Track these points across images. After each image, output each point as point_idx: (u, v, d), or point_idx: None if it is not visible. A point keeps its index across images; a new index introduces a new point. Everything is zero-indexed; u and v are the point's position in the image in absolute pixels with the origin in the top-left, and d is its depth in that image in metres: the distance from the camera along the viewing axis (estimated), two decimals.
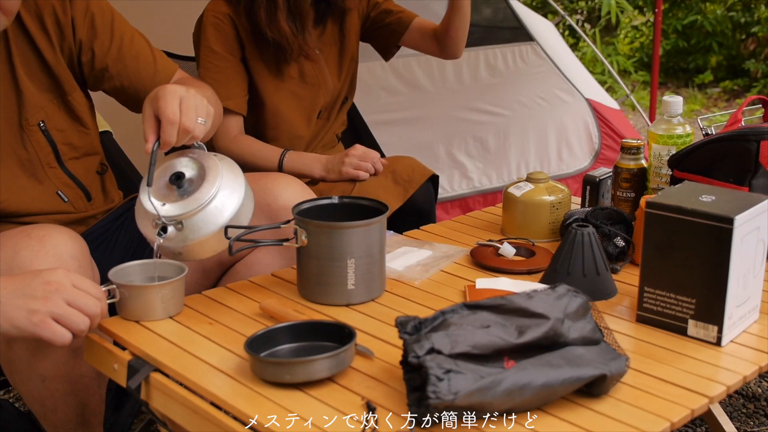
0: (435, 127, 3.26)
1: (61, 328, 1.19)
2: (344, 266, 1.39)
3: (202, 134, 1.35)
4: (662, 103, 1.72)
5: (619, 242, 1.56)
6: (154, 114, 1.33)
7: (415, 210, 2.08)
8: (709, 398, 1.11)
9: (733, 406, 2.18)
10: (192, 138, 1.35)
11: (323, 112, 2.15)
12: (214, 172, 1.36)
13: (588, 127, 3.60)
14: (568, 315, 1.12)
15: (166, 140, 1.32)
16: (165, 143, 1.32)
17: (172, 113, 1.30)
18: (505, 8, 3.66)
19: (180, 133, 1.32)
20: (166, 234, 1.34)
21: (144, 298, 1.32)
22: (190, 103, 1.33)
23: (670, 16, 7.51)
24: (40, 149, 1.57)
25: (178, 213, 1.33)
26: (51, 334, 1.18)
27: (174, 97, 1.32)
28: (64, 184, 1.61)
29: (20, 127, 1.54)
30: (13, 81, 1.52)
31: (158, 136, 1.33)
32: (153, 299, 1.32)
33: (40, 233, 1.36)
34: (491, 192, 3.33)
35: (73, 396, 1.42)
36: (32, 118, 1.55)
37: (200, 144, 1.41)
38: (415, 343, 1.05)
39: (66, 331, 1.19)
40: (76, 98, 1.60)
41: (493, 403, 1.02)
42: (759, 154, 1.57)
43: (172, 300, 1.35)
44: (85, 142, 1.65)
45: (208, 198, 1.34)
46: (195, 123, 1.33)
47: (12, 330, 1.19)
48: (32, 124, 1.55)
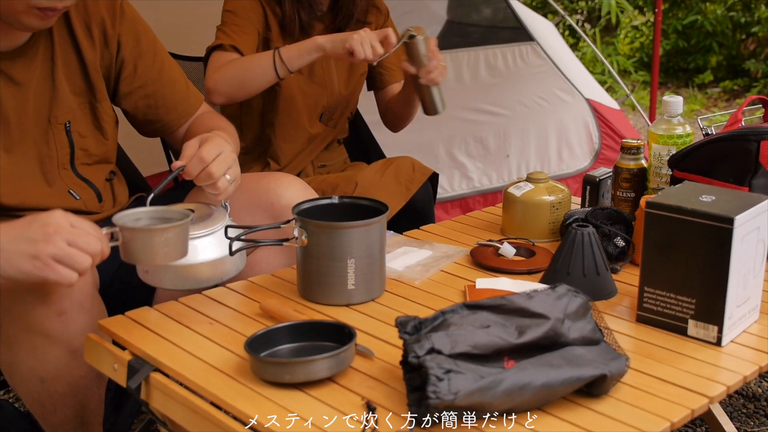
0: (435, 127, 3.26)
1: (65, 269, 1.19)
2: (344, 266, 1.39)
3: (223, 189, 1.44)
4: (662, 103, 1.72)
5: (619, 242, 1.56)
6: (197, 147, 1.43)
7: (414, 209, 2.08)
8: (709, 398, 1.11)
9: (733, 406, 2.18)
10: (216, 192, 1.44)
11: (325, 114, 2.17)
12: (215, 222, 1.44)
13: (588, 127, 3.60)
14: (568, 315, 1.12)
15: (189, 170, 1.42)
16: (187, 172, 1.42)
17: (207, 154, 1.41)
18: (505, 8, 3.66)
19: (203, 173, 1.41)
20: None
21: (146, 241, 1.30)
22: (227, 159, 1.44)
23: (670, 16, 7.51)
24: (60, 148, 1.59)
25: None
26: (56, 275, 1.19)
27: (217, 148, 1.43)
28: (75, 184, 1.63)
29: (48, 123, 1.56)
30: (51, 78, 1.55)
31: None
32: (155, 242, 1.30)
33: None
34: (491, 192, 3.33)
35: (73, 397, 1.42)
36: (61, 116, 1.57)
37: (226, 204, 1.50)
38: (415, 343, 1.05)
39: (70, 271, 1.20)
40: (104, 107, 1.64)
41: (493, 403, 1.02)
42: (759, 154, 1.57)
43: (174, 245, 1.32)
44: (100, 151, 1.67)
45: (194, 236, 1.39)
46: (220, 174, 1.42)
47: (18, 275, 1.20)
48: (60, 122, 1.57)
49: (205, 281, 1.44)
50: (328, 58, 2.10)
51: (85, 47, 1.58)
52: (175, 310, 1.39)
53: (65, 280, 1.20)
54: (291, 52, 1.91)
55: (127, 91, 1.66)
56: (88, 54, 1.58)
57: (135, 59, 1.64)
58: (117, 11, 1.61)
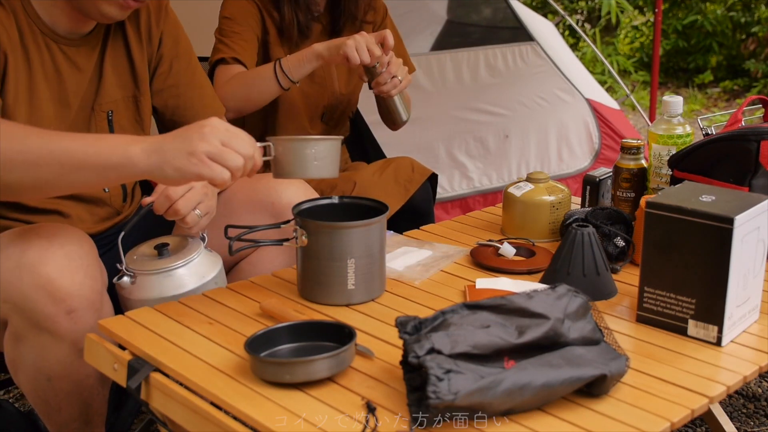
0: (435, 127, 3.26)
1: (218, 166, 1.24)
2: (344, 266, 1.39)
3: (193, 224, 1.48)
4: (662, 103, 1.72)
5: (619, 242, 1.56)
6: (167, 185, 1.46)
7: (414, 210, 2.08)
8: (709, 398, 1.11)
9: (733, 406, 2.18)
10: (186, 226, 1.49)
11: (327, 114, 2.17)
12: (189, 254, 1.49)
13: (588, 127, 3.60)
14: (568, 315, 1.12)
15: (156, 207, 1.46)
16: (155, 209, 1.46)
17: (173, 192, 1.45)
18: (505, 8, 3.66)
19: (170, 210, 1.45)
20: (120, 281, 1.45)
21: (298, 152, 1.35)
22: (195, 195, 1.47)
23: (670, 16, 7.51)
24: None
25: (138, 267, 1.46)
26: (210, 171, 1.23)
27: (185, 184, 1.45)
28: None
29: (92, 110, 1.61)
30: (99, 68, 1.61)
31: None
32: (307, 154, 1.35)
33: (48, 232, 1.37)
34: (491, 192, 3.33)
35: (78, 396, 1.43)
36: (105, 105, 1.62)
37: (203, 236, 1.55)
38: (415, 343, 1.05)
39: (223, 168, 1.24)
40: (145, 101, 1.69)
41: (493, 403, 1.02)
42: (759, 154, 1.57)
43: (324, 159, 1.37)
44: None
45: (168, 268, 1.46)
46: (187, 211, 1.46)
47: (174, 174, 1.24)
48: (103, 110, 1.62)
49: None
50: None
51: (133, 42, 1.64)
52: (175, 310, 1.39)
53: (218, 177, 1.24)
54: (291, 62, 1.92)
55: (160, 87, 1.71)
56: (135, 49, 1.65)
57: (172, 58, 1.71)
58: (162, 10, 1.69)
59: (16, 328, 1.36)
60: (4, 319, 1.37)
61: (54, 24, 1.52)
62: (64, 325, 1.33)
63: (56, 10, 1.51)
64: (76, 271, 1.34)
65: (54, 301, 1.32)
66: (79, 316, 1.34)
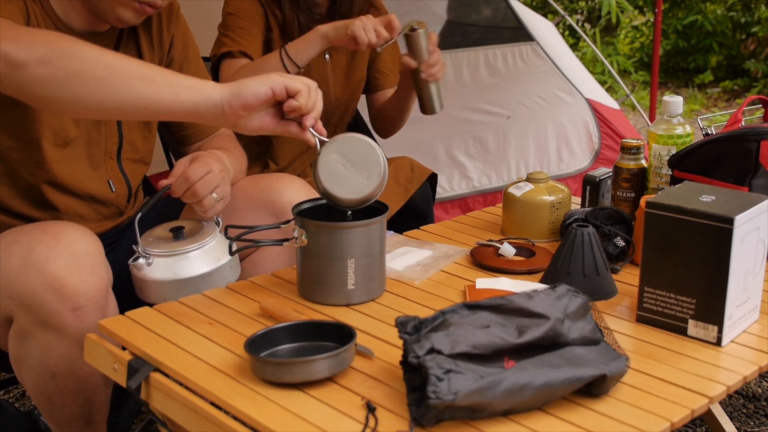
0: (435, 127, 3.26)
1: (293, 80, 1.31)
2: (344, 266, 1.39)
3: (209, 207, 1.49)
4: (662, 103, 1.72)
5: (619, 242, 1.56)
6: (186, 166, 1.48)
7: (413, 209, 2.08)
8: (709, 398, 1.11)
9: (733, 406, 2.18)
10: (202, 209, 1.49)
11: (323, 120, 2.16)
12: (205, 237, 1.50)
13: (588, 127, 3.60)
14: (568, 315, 1.12)
15: (175, 189, 1.47)
16: (173, 190, 1.47)
17: (193, 174, 1.46)
18: (505, 8, 3.66)
19: (188, 192, 1.46)
20: (135, 262, 1.45)
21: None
22: (214, 178, 1.48)
23: (670, 16, 7.51)
24: (110, 137, 1.64)
25: (154, 249, 1.46)
26: (290, 79, 1.31)
27: (205, 167, 1.47)
28: (115, 176, 1.67)
29: None
30: None
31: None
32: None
33: (55, 229, 1.37)
34: (491, 192, 3.33)
35: (81, 393, 1.43)
36: None
37: (218, 220, 1.55)
38: (415, 343, 1.05)
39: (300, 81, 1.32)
40: None
41: (493, 403, 1.02)
42: (759, 154, 1.57)
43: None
44: (145, 148, 1.73)
45: (184, 250, 1.47)
46: (205, 193, 1.47)
47: (252, 85, 1.28)
48: None
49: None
50: (326, 62, 2.10)
51: (144, 44, 1.66)
52: (175, 310, 1.39)
53: (298, 83, 1.31)
54: (297, 46, 1.92)
55: None
56: (145, 50, 1.66)
57: (181, 62, 1.72)
58: (174, 14, 1.71)
59: (22, 325, 1.36)
60: (9, 316, 1.37)
61: (69, 22, 1.53)
62: (69, 323, 1.34)
63: (72, 10, 1.52)
64: (83, 268, 1.34)
65: (61, 299, 1.32)
66: (84, 314, 1.35)
